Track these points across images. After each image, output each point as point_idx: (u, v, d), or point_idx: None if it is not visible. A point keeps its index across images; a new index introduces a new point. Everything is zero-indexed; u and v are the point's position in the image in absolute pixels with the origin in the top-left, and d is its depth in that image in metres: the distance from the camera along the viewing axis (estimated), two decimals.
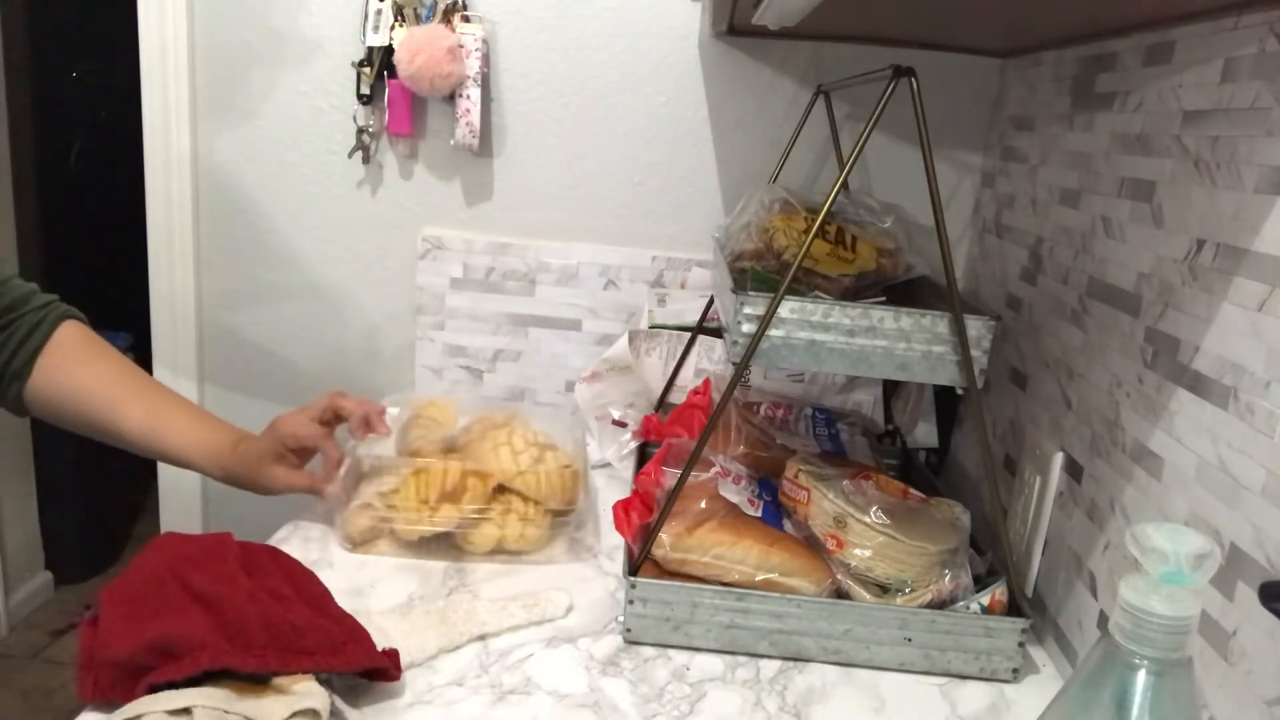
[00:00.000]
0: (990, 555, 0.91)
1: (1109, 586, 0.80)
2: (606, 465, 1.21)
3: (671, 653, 0.83)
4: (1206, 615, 0.65)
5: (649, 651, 0.82)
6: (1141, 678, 0.47)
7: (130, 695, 0.64)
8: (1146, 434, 0.76)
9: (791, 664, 0.83)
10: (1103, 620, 0.81)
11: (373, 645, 0.72)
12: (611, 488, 1.16)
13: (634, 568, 0.85)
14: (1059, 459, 0.91)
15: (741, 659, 0.83)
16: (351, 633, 0.73)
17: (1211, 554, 0.46)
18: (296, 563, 0.80)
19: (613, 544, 1.00)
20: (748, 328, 0.80)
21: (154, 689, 0.64)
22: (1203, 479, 0.68)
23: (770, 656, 0.83)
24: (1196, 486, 0.69)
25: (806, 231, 0.88)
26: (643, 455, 1.18)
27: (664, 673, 0.80)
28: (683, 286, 1.31)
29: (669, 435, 1.08)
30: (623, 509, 0.89)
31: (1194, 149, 0.74)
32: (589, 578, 0.94)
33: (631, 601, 0.82)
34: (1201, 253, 0.71)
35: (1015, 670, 0.82)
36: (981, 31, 1.06)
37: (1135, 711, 0.47)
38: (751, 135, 1.28)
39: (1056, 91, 1.03)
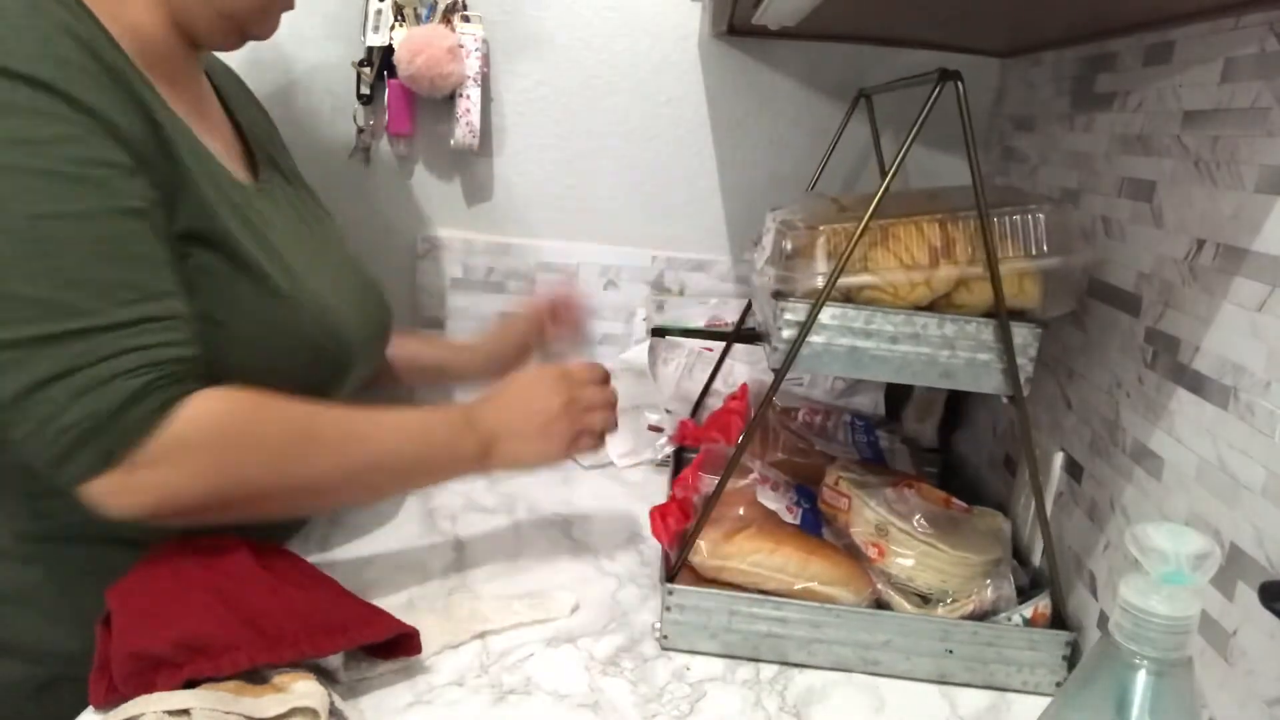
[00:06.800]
0: (1031, 568, 0.90)
1: (1109, 586, 0.80)
2: (608, 465, 1.21)
3: (672, 653, 0.82)
4: (1206, 615, 0.65)
5: (650, 651, 0.82)
6: (1141, 678, 0.47)
7: (146, 688, 0.63)
8: (1146, 434, 0.76)
9: (792, 664, 0.83)
10: (1103, 620, 0.80)
11: (394, 618, 0.74)
12: (614, 489, 1.16)
13: (671, 574, 0.84)
14: (1059, 459, 0.91)
15: (741, 659, 0.83)
16: (373, 608, 0.75)
17: (1211, 554, 0.46)
18: (300, 557, 0.81)
19: (613, 544, 1.00)
20: (788, 334, 0.78)
21: (189, 684, 0.63)
22: (1203, 479, 0.68)
23: (809, 666, 0.82)
24: (1196, 486, 0.69)
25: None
26: (679, 461, 1.18)
27: (664, 673, 0.80)
28: (680, 293, 1.31)
29: (706, 440, 1.06)
30: (660, 515, 0.87)
31: (1194, 149, 0.73)
32: (589, 578, 0.94)
33: (669, 609, 0.81)
34: (1201, 253, 0.71)
35: (1058, 684, 0.80)
36: (982, 31, 1.06)
37: (1135, 711, 0.47)
38: (751, 135, 1.28)
39: (1056, 91, 1.03)
